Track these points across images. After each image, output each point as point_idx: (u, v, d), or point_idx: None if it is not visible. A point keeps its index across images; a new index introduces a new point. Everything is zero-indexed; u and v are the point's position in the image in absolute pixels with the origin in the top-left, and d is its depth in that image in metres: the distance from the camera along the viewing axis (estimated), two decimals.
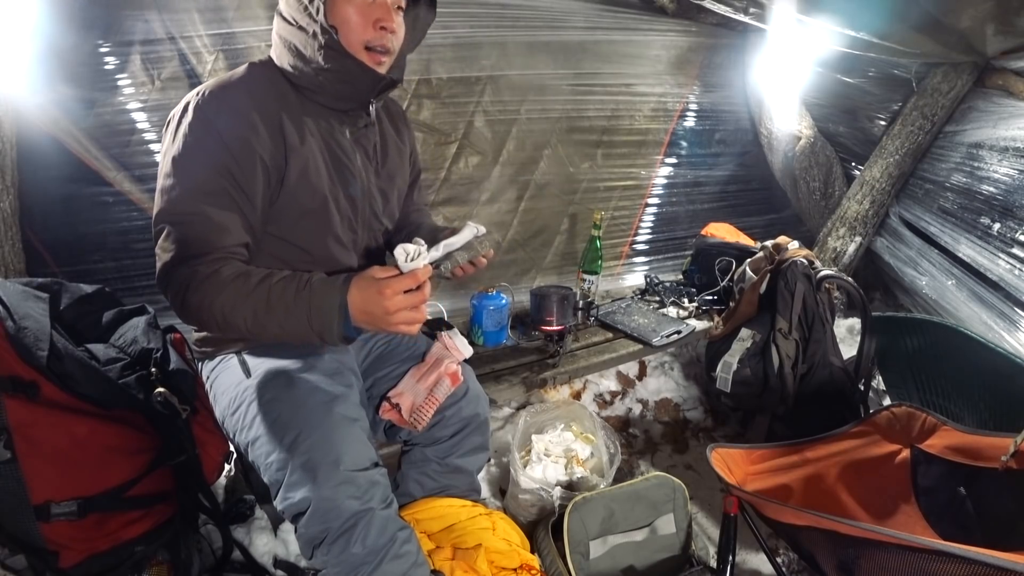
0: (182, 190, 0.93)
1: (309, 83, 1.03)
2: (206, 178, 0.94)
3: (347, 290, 0.88)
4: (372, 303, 0.87)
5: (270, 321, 0.90)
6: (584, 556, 1.28)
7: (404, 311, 0.87)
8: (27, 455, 0.98)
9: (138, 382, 1.13)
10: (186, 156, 0.94)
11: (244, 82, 1.00)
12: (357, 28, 0.99)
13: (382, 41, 1.01)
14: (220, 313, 0.91)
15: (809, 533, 1.05)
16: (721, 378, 1.78)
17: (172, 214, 0.94)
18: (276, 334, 0.92)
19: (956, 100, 2.26)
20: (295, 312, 0.89)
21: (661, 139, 2.55)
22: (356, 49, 1.00)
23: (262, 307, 0.90)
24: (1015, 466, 1.13)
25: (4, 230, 1.42)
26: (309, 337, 0.90)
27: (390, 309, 0.86)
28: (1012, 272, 2.01)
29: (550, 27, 2.08)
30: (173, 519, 1.21)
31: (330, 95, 1.05)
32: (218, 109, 0.95)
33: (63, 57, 1.46)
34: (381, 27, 1.00)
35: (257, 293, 0.90)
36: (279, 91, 1.02)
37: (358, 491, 0.94)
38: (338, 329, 0.88)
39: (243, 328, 0.92)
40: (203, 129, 0.94)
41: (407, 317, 0.88)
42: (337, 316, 0.88)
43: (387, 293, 0.86)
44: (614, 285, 2.49)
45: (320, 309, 0.88)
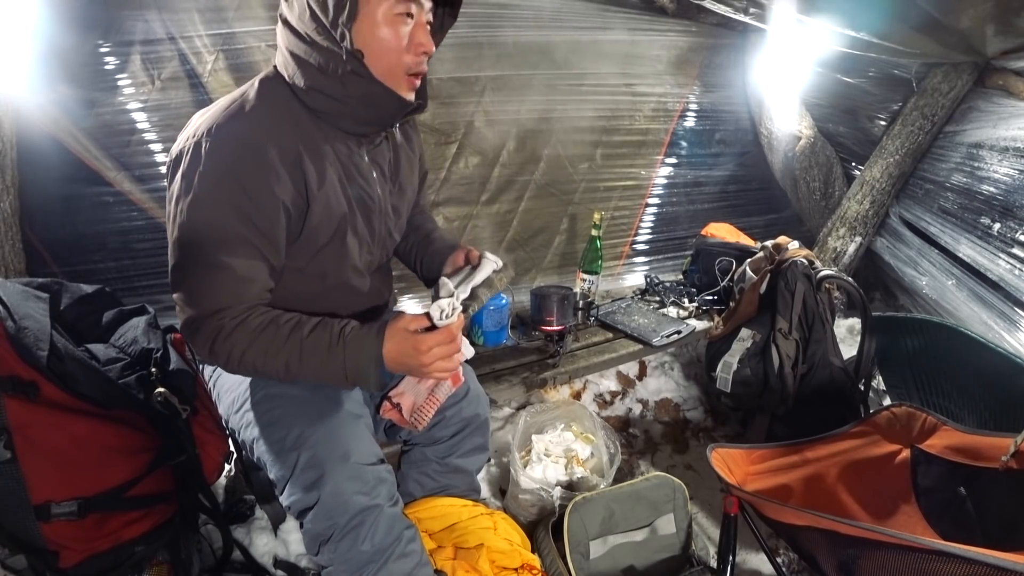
0: (202, 244, 0.87)
1: (328, 108, 0.93)
2: (228, 230, 0.87)
3: (382, 343, 0.89)
4: (408, 356, 0.89)
5: (304, 371, 0.90)
6: (584, 556, 1.28)
7: (439, 361, 0.90)
8: (27, 455, 0.98)
9: (138, 382, 1.13)
10: (204, 207, 0.86)
11: (259, 117, 0.90)
12: (393, 53, 0.90)
13: (422, 67, 0.95)
14: (251, 364, 0.90)
15: (809, 533, 1.05)
16: (721, 378, 1.78)
17: (193, 268, 0.89)
18: (311, 379, 0.93)
19: (956, 100, 2.26)
20: (331, 365, 0.89)
21: (661, 139, 2.55)
22: (388, 75, 0.92)
23: (295, 359, 0.89)
24: (1015, 466, 1.13)
25: (4, 230, 1.42)
26: (344, 385, 0.92)
27: (426, 363, 0.88)
28: (1012, 272, 2.01)
29: (550, 27, 2.08)
30: (173, 519, 1.21)
31: (351, 120, 0.96)
32: (234, 152, 0.86)
33: (63, 57, 1.45)
34: (422, 52, 0.92)
35: (289, 344, 0.89)
36: (294, 118, 0.93)
37: (366, 487, 0.94)
38: (375, 380, 0.90)
39: (278, 376, 0.92)
40: (220, 177, 0.86)
41: (443, 367, 0.91)
42: (374, 369, 0.89)
43: (423, 349, 0.88)
44: (614, 285, 2.49)
45: (356, 362, 0.89)
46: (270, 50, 1.66)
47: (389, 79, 0.93)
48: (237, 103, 0.91)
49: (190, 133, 0.89)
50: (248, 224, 0.88)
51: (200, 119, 0.90)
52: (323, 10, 0.85)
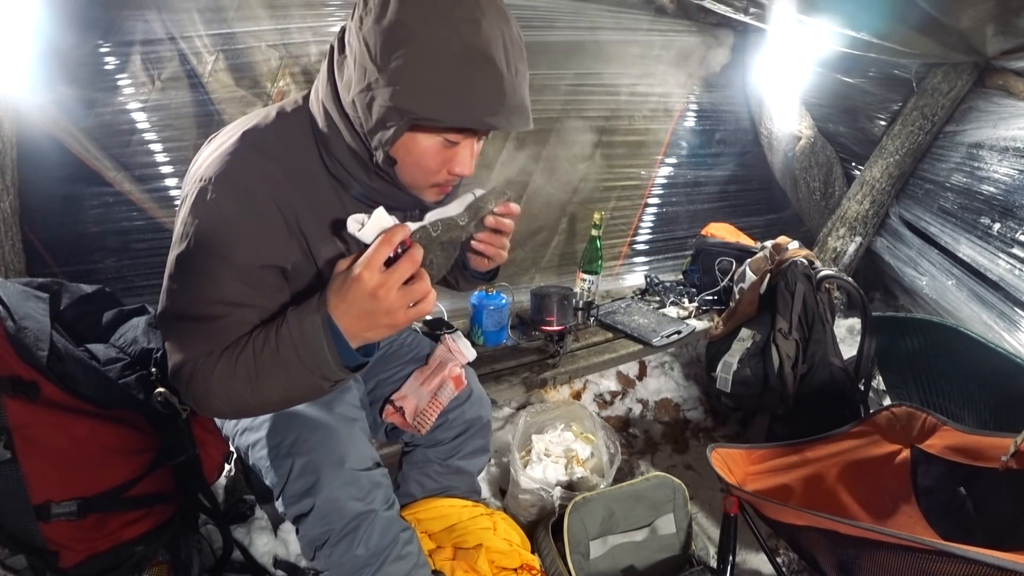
0: (190, 296, 0.80)
1: (346, 179, 0.86)
2: (219, 287, 0.79)
3: (325, 301, 0.73)
4: (355, 297, 0.71)
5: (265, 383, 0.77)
6: (584, 556, 1.28)
7: (397, 290, 0.70)
8: (27, 455, 0.98)
9: (138, 382, 1.13)
10: (197, 261, 0.79)
11: (264, 162, 0.81)
12: (427, 172, 0.82)
13: (452, 183, 0.87)
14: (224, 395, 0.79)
15: (809, 533, 1.05)
16: (721, 378, 1.78)
17: (179, 318, 0.81)
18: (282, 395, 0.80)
19: (956, 100, 2.26)
20: (284, 357, 0.75)
21: (661, 139, 2.55)
22: (416, 187, 0.85)
23: (252, 371, 0.77)
24: (1015, 466, 1.13)
25: (4, 230, 1.42)
26: (311, 381, 0.77)
27: (379, 293, 0.69)
28: (1012, 272, 2.01)
29: (550, 27, 2.08)
30: (173, 519, 1.21)
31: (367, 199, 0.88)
32: (232, 208, 0.78)
33: (63, 57, 1.45)
34: (456, 173, 0.83)
35: (245, 357, 0.77)
36: (309, 171, 0.84)
37: (360, 492, 0.93)
38: (333, 356, 0.74)
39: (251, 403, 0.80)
40: (215, 229, 0.78)
41: (406, 295, 0.71)
42: (325, 339, 0.73)
43: (365, 276, 0.69)
44: (614, 285, 2.49)
45: (304, 339, 0.74)
46: (270, 50, 1.66)
47: (414, 188, 0.85)
48: (252, 143, 0.82)
49: (200, 174, 0.80)
50: (241, 285, 0.80)
51: (214, 154, 0.81)
52: (365, 113, 0.76)
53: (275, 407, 0.88)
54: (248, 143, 0.82)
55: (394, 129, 0.74)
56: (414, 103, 0.72)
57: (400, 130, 0.74)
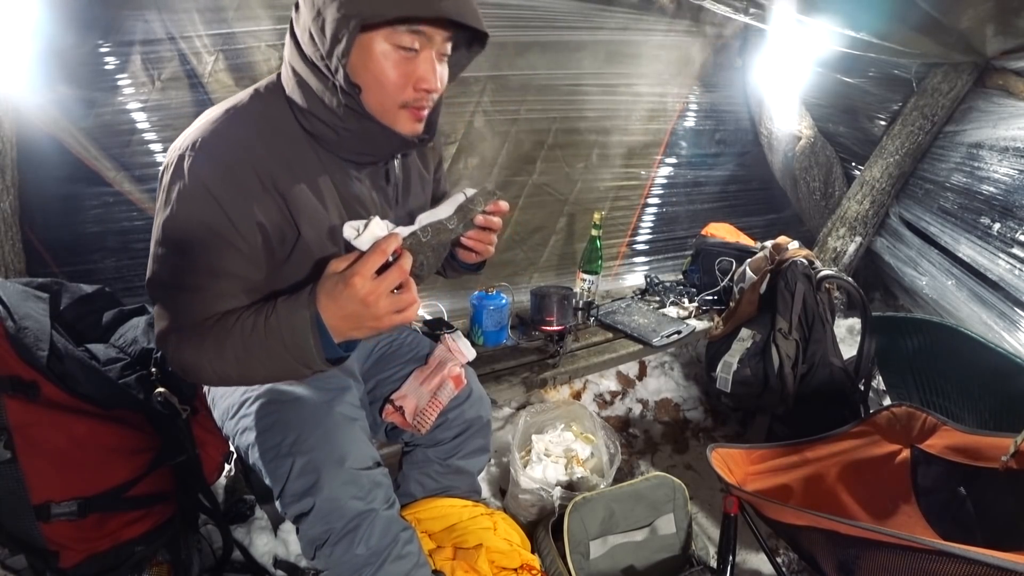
0: (175, 261, 0.84)
1: (323, 133, 0.88)
2: (202, 249, 0.83)
3: (315, 299, 0.77)
4: (345, 301, 0.75)
5: (252, 363, 0.82)
6: (584, 556, 1.28)
7: (386, 298, 0.75)
8: (27, 455, 0.98)
9: (138, 382, 1.13)
10: (180, 224, 0.82)
11: (243, 131, 0.85)
12: (393, 89, 0.84)
13: (422, 102, 0.87)
14: (210, 368, 0.83)
15: (809, 533, 1.05)
16: (721, 378, 1.78)
17: (166, 283, 0.86)
18: (265, 375, 0.85)
19: (956, 100, 2.26)
20: (270, 345, 0.79)
21: (660, 139, 2.55)
22: (385, 110, 0.86)
23: (240, 352, 0.81)
24: (1015, 466, 1.13)
25: (4, 230, 1.42)
26: (293, 368, 0.81)
27: (369, 300, 0.74)
28: (1012, 272, 2.02)
29: (550, 27, 2.08)
30: (173, 519, 1.21)
31: (347, 150, 0.91)
32: (213, 171, 0.81)
33: (63, 57, 1.45)
34: (423, 88, 0.85)
35: (233, 338, 0.81)
36: (287, 137, 0.88)
37: (361, 491, 0.93)
38: (317, 350, 0.78)
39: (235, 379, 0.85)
40: (196, 194, 0.81)
41: (393, 303, 0.75)
42: (311, 334, 0.77)
43: (357, 283, 0.73)
44: (614, 285, 2.49)
45: (292, 331, 0.78)
46: (270, 50, 1.66)
47: (385, 116, 0.86)
48: (228, 116, 0.86)
49: (179, 144, 0.85)
50: (225, 245, 0.83)
51: (192, 128, 0.86)
52: (320, 37, 0.79)
53: (257, 383, 0.98)
54: (225, 114, 0.86)
55: (346, 38, 0.76)
56: (359, 4, 0.75)
57: (351, 35, 0.76)
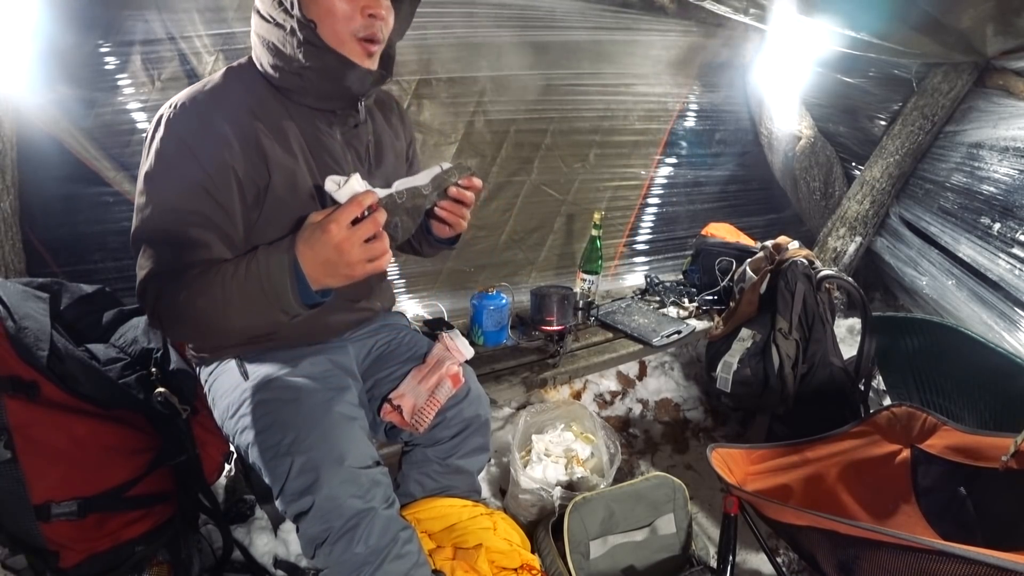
0: (155, 209, 0.90)
1: (291, 84, 0.97)
2: (180, 196, 0.90)
3: (293, 245, 0.82)
4: (321, 247, 0.80)
5: (230, 311, 0.85)
6: (584, 556, 1.28)
7: (359, 246, 0.79)
8: (27, 455, 0.98)
9: (138, 382, 1.13)
10: (158, 174, 0.90)
11: (217, 93, 0.95)
12: (342, 18, 0.92)
13: (372, 30, 0.95)
14: (190, 318, 0.87)
15: (809, 533, 1.05)
16: (721, 378, 1.78)
17: (147, 232, 0.91)
18: (242, 324, 0.88)
19: (956, 100, 2.26)
20: (249, 289, 0.83)
21: (659, 139, 2.55)
22: (341, 41, 0.94)
23: (219, 297, 0.85)
24: (1015, 466, 1.13)
25: (4, 230, 1.42)
26: (271, 313, 0.84)
27: (343, 247, 0.79)
28: (1012, 272, 2.01)
29: (550, 27, 2.08)
30: (173, 519, 1.21)
31: (314, 95, 0.99)
32: (188, 124, 0.90)
33: (63, 57, 1.45)
34: (370, 15, 0.93)
35: (213, 284, 0.85)
36: (258, 97, 0.97)
37: (360, 490, 0.94)
38: (294, 293, 0.82)
39: (215, 326, 0.88)
40: (174, 145, 0.90)
41: (365, 251, 0.80)
42: (289, 277, 0.82)
43: (332, 229, 0.78)
44: (614, 285, 2.49)
45: (271, 275, 0.82)
46: None
47: (341, 46, 0.94)
48: (200, 84, 0.96)
49: (160, 110, 0.94)
50: (201, 192, 0.90)
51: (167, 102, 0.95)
52: None
53: (235, 334, 0.98)
54: (201, 82, 0.97)
55: None
56: None
57: None
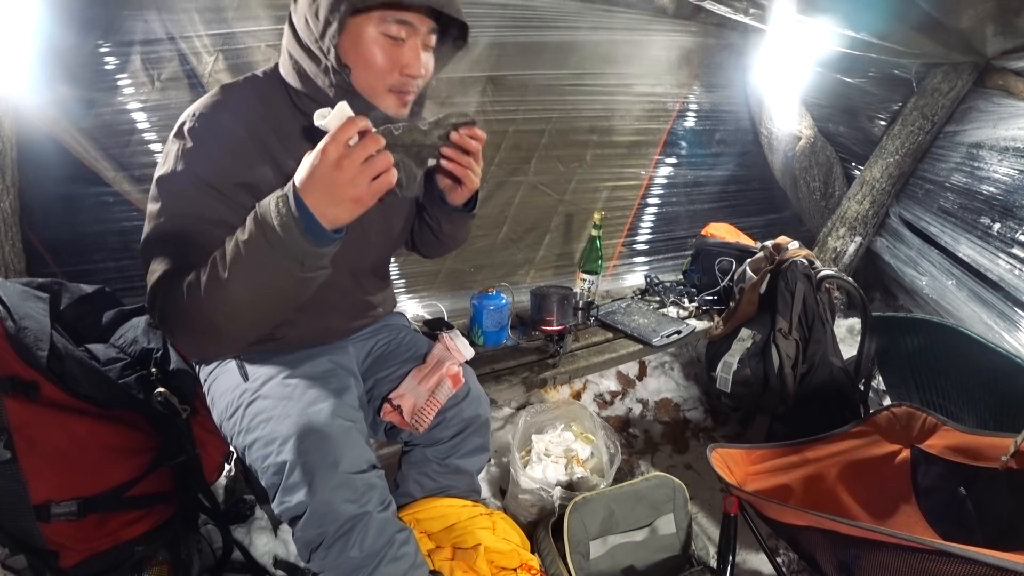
0: (170, 214, 0.88)
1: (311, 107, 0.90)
2: (196, 201, 0.88)
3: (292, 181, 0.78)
4: (321, 170, 0.75)
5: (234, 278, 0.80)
6: (584, 556, 1.28)
7: (360, 162, 0.75)
8: (27, 455, 0.98)
9: (138, 382, 1.13)
10: (176, 179, 0.88)
11: (241, 104, 0.93)
12: (380, 72, 0.90)
13: (407, 87, 0.93)
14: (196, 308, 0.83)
15: (809, 533, 1.05)
16: (721, 378, 1.78)
17: (160, 238, 0.89)
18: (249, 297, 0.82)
19: (956, 100, 2.26)
20: (251, 242, 0.79)
21: (658, 139, 2.55)
22: (374, 92, 0.92)
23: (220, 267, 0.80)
24: (1015, 466, 1.13)
25: (4, 230, 1.42)
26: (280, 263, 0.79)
27: (343, 163, 0.74)
28: (1012, 272, 2.02)
29: (550, 27, 2.08)
30: (173, 519, 1.21)
31: None
32: (210, 132, 0.90)
33: (63, 57, 1.45)
34: (408, 74, 0.91)
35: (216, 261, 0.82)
36: (280, 115, 0.95)
37: (354, 494, 0.93)
38: (300, 230, 0.76)
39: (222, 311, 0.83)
40: (194, 152, 0.88)
41: (368, 168, 0.75)
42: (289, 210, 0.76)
43: (330, 148, 0.74)
44: (614, 285, 2.49)
45: (268, 214, 0.77)
46: (270, 50, 1.66)
47: (373, 96, 0.92)
48: (227, 89, 0.95)
49: (182, 116, 0.93)
50: (216, 198, 0.89)
51: (195, 103, 0.94)
52: (314, 21, 0.86)
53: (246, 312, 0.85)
54: (224, 89, 0.95)
55: (337, 20, 0.83)
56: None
57: (342, 17, 0.83)
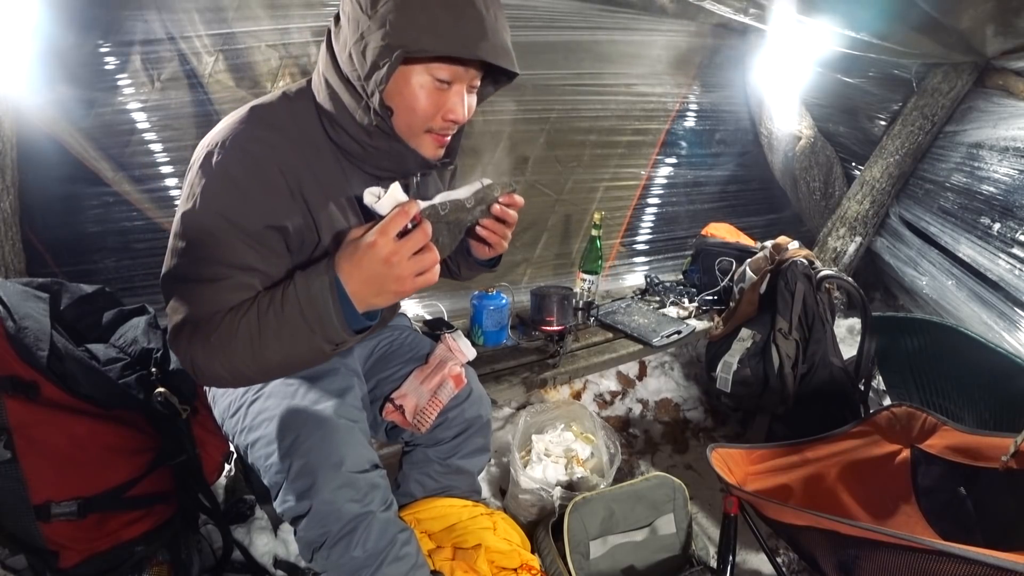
0: (194, 254, 0.83)
1: (349, 147, 0.91)
2: (223, 241, 0.83)
3: (334, 264, 0.77)
4: (368, 262, 0.74)
5: (267, 343, 0.79)
6: (584, 556, 1.28)
7: (408, 258, 0.74)
8: (27, 455, 0.98)
9: (138, 382, 1.13)
10: (201, 217, 0.82)
11: (271, 134, 0.86)
12: (421, 116, 0.87)
13: (447, 131, 0.92)
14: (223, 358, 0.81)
15: (809, 533, 1.05)
16: (721, 378, 1.78)
17: (183, 276, 0.85)
18: (281, 360, 0.81)
19: (956, 100, 2.26)
20: (288, 317, 0.77)
21: (656, 139, 2.54)
22: (414, 134, 0.90)
23: (255, 330, 0.79)
24: (1015, 466, 1.13)
25: (4, 230, 1.42)
26: (313, 342, 0.78)
27: (392, 260, 0.73)
28: (1012, 272, 2.02)
29: (550, 27, 2.08)
30: (173, 519, 1.21)
31: (371, 165, 0.94)
32: (239, 167, 0.83)
33: (63, 57, 1.45)
34: (450, 119, 0.89)
35: (248, 318, 0.80)
36: (313, 144, 0.90)
37: (358, 494, 0.93)
38: (338, 316, 0.76)
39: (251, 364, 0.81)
40: (222, 190, 0.82)
41: (415, 264, 0.75)
42: (331, 299, 0.76)
43: (380, 242, 0.73)
44: (614, 285, 2.49)
45: (311, 300, 0.76)
46: (270, 50, 1.66)
47: (412, 138, 0.90)
48: (257, 116, 0.88)
49: (207, 142, 0.86)
50: (244, 238, 0.84)
51: (221, 126, 0.88)
52: (360, 60, 0.82)
53: (274, 372, 0.88)
54: (255, 115, 0.88)
55: (387, 66, 0.79)
56: (404, 37, 0.78)
57: (393, 66, 0.79)
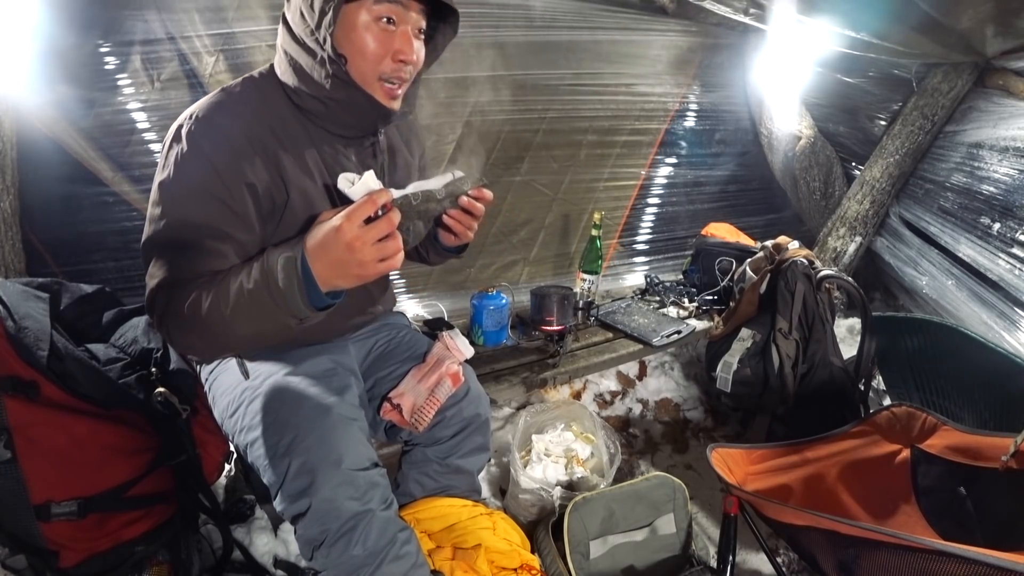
0: (171, 220, 0.88)
1: (313, 108, 0.97)
2: (196, 208, 0.89)
3: (303, 244, 0.80)
4: (333, 245, 0.77)
5: (235, 315, 0.83)
6: (584, 556, 1.28)
7: (372, 245, 0.77)
8: (27, 455, 0.98)
9: (138, 382, 1.13)
10: (175, 184, 0.89)
11: (237, 106, 0.94)
12: (372, 59, 0.92)
13: (399, 73, 0.95)
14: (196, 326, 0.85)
15: (809, 533, 1.05)
16: (721, 378, 1.78)
17: (160, 243, 0.89)
18: (250, 331, 0.85)
19: (956, 100, 2.26)
20: (256, 293, 0.81)
21: (655, 139, 2.54)
22: (367, 80, 0.94)
23: (224, 302, 0.83)
24: (1015, 466, 1.13)
25: (4, 230, 1.42)
26: (279, 316, 0.82)
27: (355, 245, 0.76)
28: (1012, 272, 2.01)
29: (550, 27, 2.08)
30: (173, 519, 1.21)
31: (335, 123, 1.00)
32: (207, 135, 0.90)
33: (63, 57, 1.45)
34: (400, 60, 0.93)
35: (219, 290, 0.84)
36: (278, 114, 0.96)
37: (357, 492, 0.93)
38: (301, 294, 0.79)
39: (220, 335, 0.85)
40: (192, 156, 0.89)
41: (378, 250, 0.78)
42: (297, 278, 0.79)
43: (345, 227, 0.76)
44: (614, 285, 2.49)
45: (277, 276, 0.79)
46: (270, 50, 1.65)
47: (367, 85, 0.94)
48: (224, 93, 0.96)
49: (179, 119, 0.94)
50: (217, 203, 0.89)
51: (194, 104, 0.95)
52: (310, 13, 0.88)
53: (245, 342, 0.93)
54: (223, 92, 0.96)
55: (332, 8, 0.85)
56: None
57: (337, 6, 0.85)
